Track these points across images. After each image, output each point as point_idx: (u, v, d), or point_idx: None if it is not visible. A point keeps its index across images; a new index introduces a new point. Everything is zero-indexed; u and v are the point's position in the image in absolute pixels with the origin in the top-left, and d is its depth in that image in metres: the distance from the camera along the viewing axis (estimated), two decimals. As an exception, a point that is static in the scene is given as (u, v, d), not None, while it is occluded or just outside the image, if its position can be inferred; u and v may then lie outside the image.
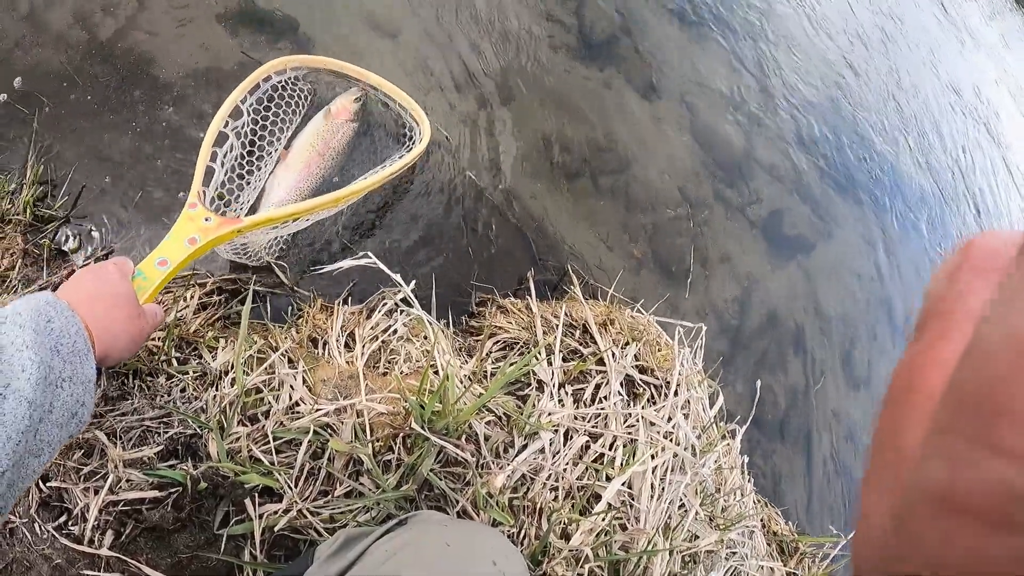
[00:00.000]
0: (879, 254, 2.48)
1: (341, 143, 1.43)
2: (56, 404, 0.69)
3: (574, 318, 1.34)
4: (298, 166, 1.36)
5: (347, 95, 1.48)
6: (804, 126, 2.59)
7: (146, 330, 0.91)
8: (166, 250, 1.03)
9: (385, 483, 0.97)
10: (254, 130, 1.38)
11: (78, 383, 0.73)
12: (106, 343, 0.81)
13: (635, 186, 1.91)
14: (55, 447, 0.71)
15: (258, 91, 1.39)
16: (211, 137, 1.22)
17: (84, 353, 0.75)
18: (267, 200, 1.31)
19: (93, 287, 0.85)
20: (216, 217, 1.08)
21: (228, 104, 1.29)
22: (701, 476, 1.28)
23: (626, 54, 2.22)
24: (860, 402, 2.08)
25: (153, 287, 0.99)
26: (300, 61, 1.46)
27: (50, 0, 1.45)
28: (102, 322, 0.81)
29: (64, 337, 0.73)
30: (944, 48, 4.44)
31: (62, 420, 0.71)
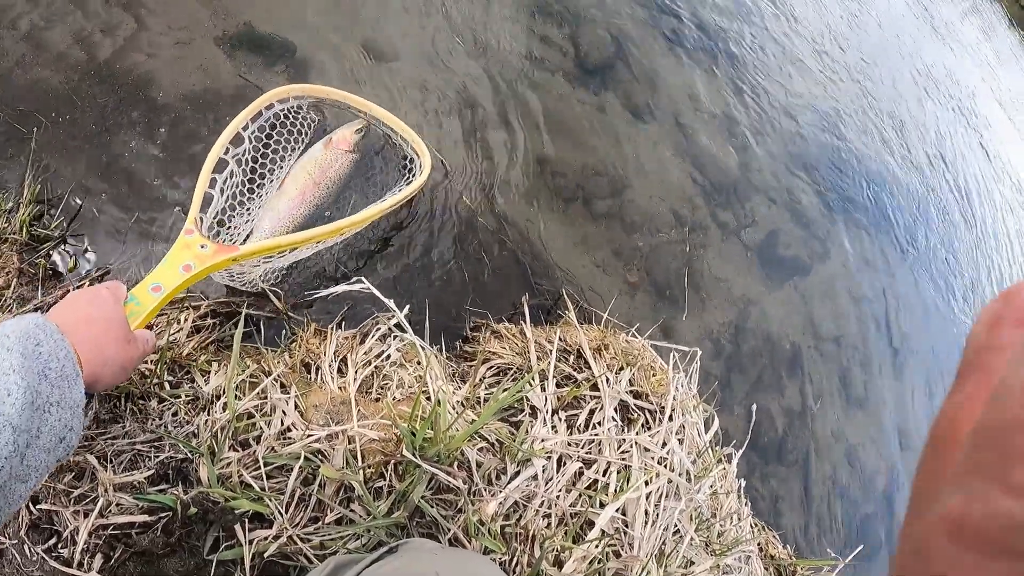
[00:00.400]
0: (875, 274, 2.48)
1: (338, 173, 1.41)
2: (44, 429, 0.68)
3: (568, 343, 1.34)
4: (292, 193, 1.35)
5: (349, 126, 1.47)
6: (798, 147, 2.60)
7: (137, 356, 0.90)
8: (160, 276, 1.02)
9: (376, 510, 0.96)
10: (255, 157, 1.37)
11: (66, 408, 0.72)
12: (96, 368, 0.81)
13: (630, 209, 1.92)
14: (42, 472, 0.70)
15: (260, 119, 1.38)
16: (210, 163, 1.22)
17: (73, 378, 0.74)
18: (259, 225, 1.31)
19: (85, 311, 0.85)
20: (212, 244, 1.08)
21: (229, 131, 1.29)
22: (696, 501, 1.27)
23: (621, 78, 2.24)
24: (858, 423, 2.08)
25: (146, 313, 0.98)
26: (303, 90, 1.45)
27: (50, 19, 1.47)
28: (92, 347, 0.81)
29: (52, 361, 0.72)
30: (942, 65, 4.48)
31: (49, 445, 0.70)
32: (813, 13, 3.53)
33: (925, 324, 2.53)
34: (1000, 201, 3.81)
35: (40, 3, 1.48)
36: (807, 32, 3.33)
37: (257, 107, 1.36)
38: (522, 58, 2.03)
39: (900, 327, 2.41)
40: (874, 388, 2.18)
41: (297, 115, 1.47)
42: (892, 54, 3.99)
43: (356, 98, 1.49)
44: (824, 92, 3.06)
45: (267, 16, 1.66)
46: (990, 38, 6.54)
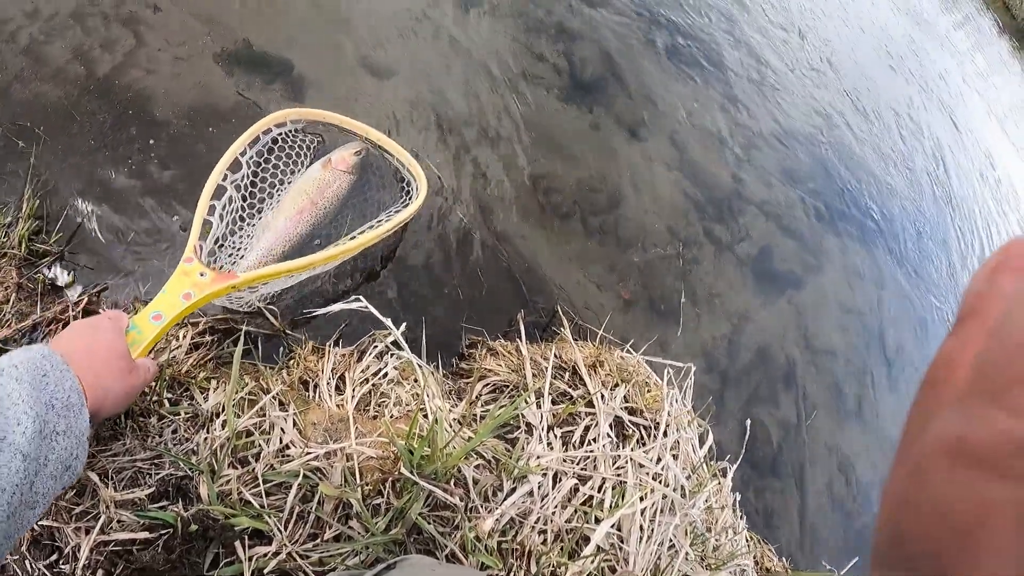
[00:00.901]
0: (869, 287, 2.49)
1: (336, 194, 1.41)
2: (51, 457, 0.70)
3: (564, 360, 1.35)
4: (290, 211, 1.35)
5: (348, 147, 1.48)
6: (791, 162, 2.62)
7: (138, 385, 0.92)
8: (161, 304, 1.04)
9: (374, 527, 0.97)
10: (254, 182, 1.37)
11: (72, 436, 0.74)
12: (98, 398, 0.83)
13: (625, 225, 1.93)
14: (49, 499, 0.72)
15: (258, 144, 1.39)
16: (209, 190, 1.22)
17: (78, 407, 0.76)
18: (256, 243, 1.31)
19: (87, 341, 0.87)
20: (211, 272, 1.10)
21: (227, 157, 1.29)
22: (691, 516, 1.28)
23: (615, 94, 2.26)
24: (853, 435, 2.08)
25: (147, 341, 0.99)
26: (300, 114, 1.45)
27: (50, 34, 1.48)
28: (95, 377, 0.83)
29: (59, 391, 0.74)
30: (936, 77, 4.52)
31: (56, 473, 0.72)
32: (808, 29, 3.57)
33: (919, 336, 2.54)
34: (994, 210, 3.83)
35: (40, 17, 1.49)
36: (800, 48, 3.36)
37: (254, 132, 1.37)
38: (516, 75, 2.05)
39: (894, 339, 2.42)
40: (869, 400, 2.18)
41: (295, 139, 1.47)
42: (886, 68, 4.02)
43: (353, 122, 1.50)
44: (817, 107, 3.08)
45: (265, 34, 1.68)
46: (982, 47, 6.60)
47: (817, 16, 3.81)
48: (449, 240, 1.60)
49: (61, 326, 1.16)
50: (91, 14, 1.54)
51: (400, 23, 1.93)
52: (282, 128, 1.44)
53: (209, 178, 1.24)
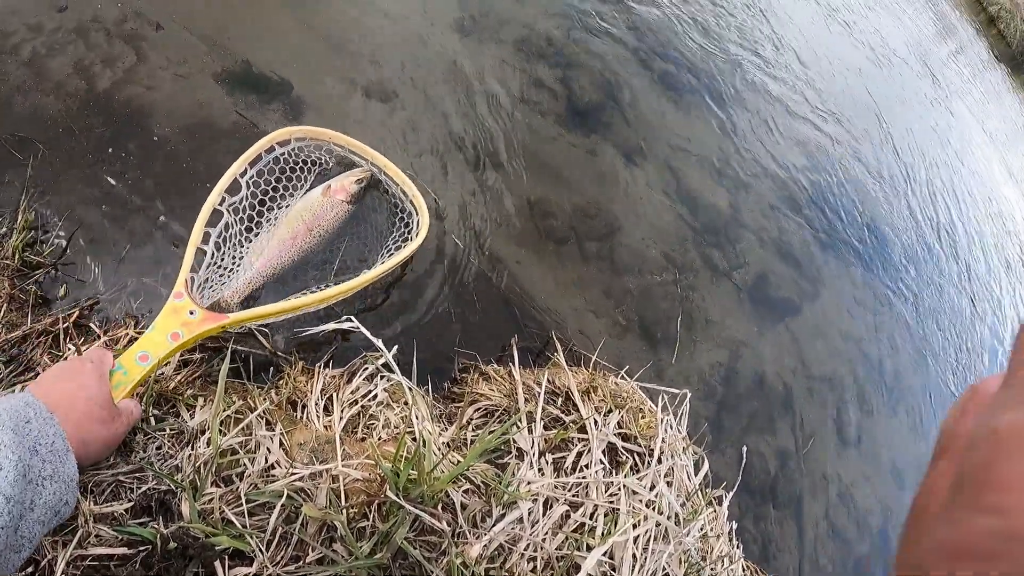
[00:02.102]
0: (866, 314, 2.49)
1: (332, 222, 1.38)
2: (38, 502, 0.71)
3: (557, 385, 1.33)
4: (284, 235, 1.33)
5: (350, 175, 1.44)
6: (789, 189, 2.63)
7: (121, 432, 0.92)
8: (148, 344, 1.02)
9: (358, 550, 0.95)
10: (253, 205, 1.34)
11: (60, 482, 0.75)
12: (79, 449, 0.83)
13: (621, 251, 1.93)
14: (35, 543, 0.72)
15: (259, 163, 1.36)
16: (204, 216, 1.20)
17: (63, 453, 0.77)
18: (245, 265, 1.29)
19: (68, 390, 0.86)
20: (201, 311, 1.08)
21: (226, 178, 1.27)
22: (685, 545, 1.25)
23: (612, 120, 2.27)
24: (851, 463, 2.06)
25: (132, 383, 0.98)
26: (305, 132, 1.43)
27: (52, 48, 1.49)
28: (75, 428, 0.83)
29: (43, 437, 0.75)
30: (933, 103, 4.55)
31: (44, 518, 0.72)
32: (805, 56, 3.60)
33: (917, 363, 2.53)
34: (989, 238, 3.84)
35: (43, 31, 1.50)
36: (798, 76, 3.39)
37: (256, 151, 1.34)
38: (515, 100, 2.07)
39: (892, 366, 2.41)
40: (867, 427, 2.17)
41: (298, 159, 1.44)
42: (883, 95, 4.05)
43: (359, 144, 1.47)
44: (814, 134, 3.10)
45: (265, 55, 1.69)
46: (978, 75, 6.67)
47: (814, 46, 3.84)
48: (444, 263, 1.59)
49: (51, 339, 1.15)
50: (94, 30, 1.55)
51: (400, 47, 1.95)
52: (285, 147, 1.41)
53: (205, 203, 1.22)
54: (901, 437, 2.26)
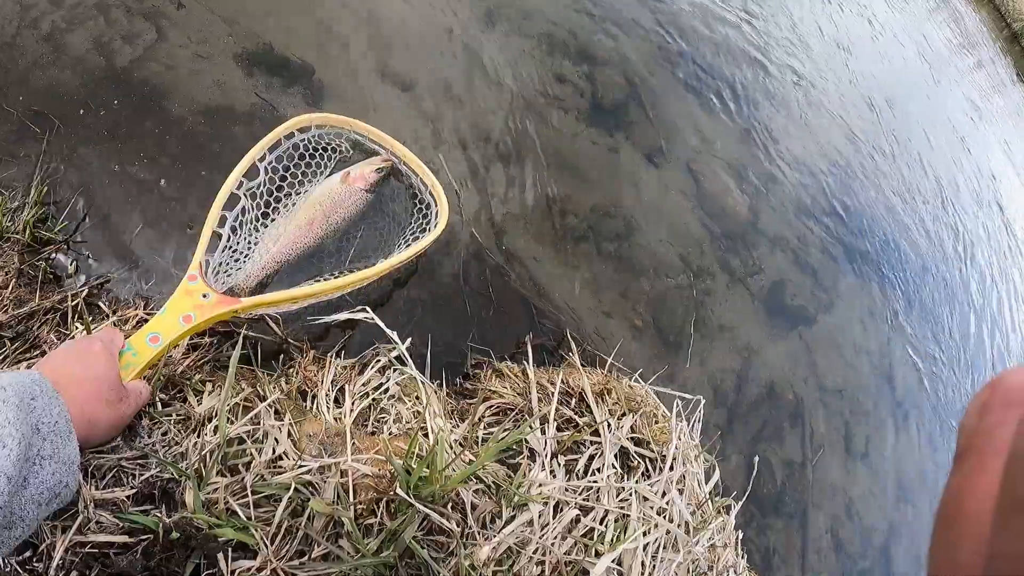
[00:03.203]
0: (880, 327, 2.46)
1: (350, 210, 1.37)
2: (32, 480, 0.70)
3: (571, 386, 1.31)
4: (301, 221, 1.31)
5: (370, 163, 1.43)
6: (809, 197, 2.60)
7: (128, 414, 0.91)
8: (159, 325, 1.00)
9: (365, 548, 0.93)
10: (271, 191, 1.33)
11: (60, 463, 0.73)
12: (84, 429, 0.82)
13: (638, 252, 1.91)
14: (30, 524, 0.71)
15: (278, 149, 1.35)
16: (221, 199, 1.19)
17: (66, 434, 0.76)
18: (260, 249, 1.28)
19: (74, 370, 0.85)
20: (215, 294, 1.06)
21: (245, 162, 1.26)
22: (694, 554, 1.23)
23: (635, 120, 2.24)
24: (858, 477, 2.04)
25: (142, 364, 0.97)
26: (325, 119, 1.42)
27: (72, 22, 1.47)
28: (82, 408, 0.82)
29: (46, 416, 0.74)
30: (955, 120, 4.51)
31: (42, 499, 0.71)
32: (827, 64, 3.57)
33: (927, 380, 2.50)
34: (1006, 252, 3.80)
35: (63, 5, 1.49)
36: (821, 83, 3.36)
37: (276, 136, 1.33)
38: (537, 94, 2.04)
39: (903, 380, 2.38)
40: (876, 441, 2.15)
41: (318, 146, 1.43)
42: (906, 108, 4.01)
43: (379, 132, 1.46)
44: (838, 143, 3.07)
45: (288, 38, 1.67)
46: (999, 91, 6.61)
47: (840, 53, 3.81)
48: (461, 257, 1.57)
49: (59, 317, 1.14)
50: (115, 5, 1.54)
51: (424, 36, 1.93)
52: (305, 134, 1.40)
53: (223, 186, 1.20)
54: (909, 453, 2.23)
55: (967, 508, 0.27)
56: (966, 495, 0.27)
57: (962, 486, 0.28)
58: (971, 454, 0.28)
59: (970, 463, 0.28)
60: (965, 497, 0.27)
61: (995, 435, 0.28)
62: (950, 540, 0.27)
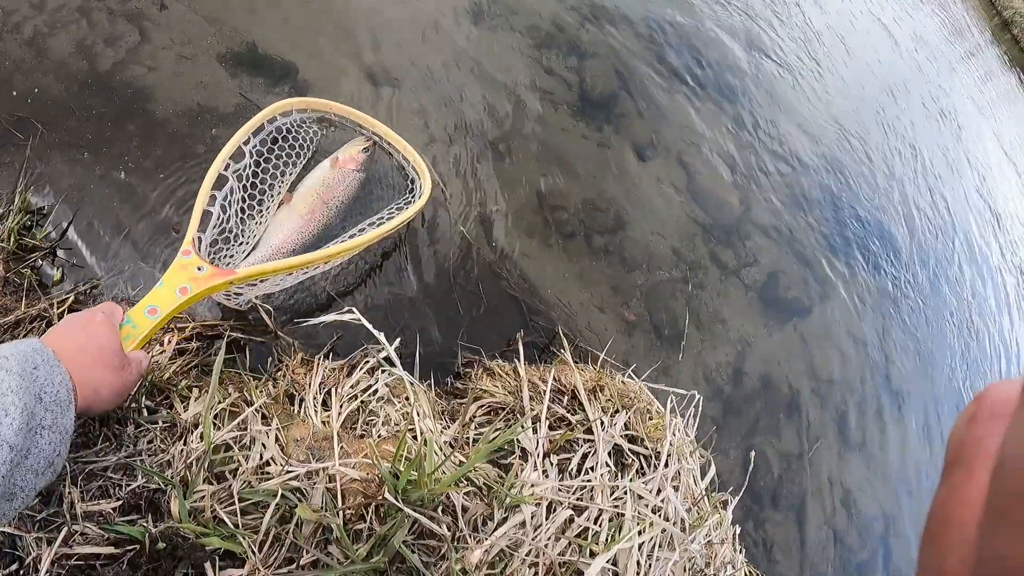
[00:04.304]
0: (875, 318, 2.46)
1: (347, 192, 1.41)
2: (33, 450, 0.69)
3: (563, 383, 1.30)
4: (303, 211, 1.34)
5: (355, 144, 1.46)
6: (801, 188, 2.60)
7: (132, 381, 0.91)
8: (157, 298, 1.02)
9: (354, 554, 0.91)
10: (255, 172, 1.36)
11: (56, 432, 0.73)
12: (88, 396, 0.82)
13: (629, 246, 1.90)
14: (29, 494, 0.71)
15: (262, 132, 1.38)
16: (210, 180, 1.21)
17: (66, 404, 0.76)
18: (267, 242, 1.30)
19: (79, 339, 0.85)
20: (209, 267, 1.08)
21: (231, 145, 1.28)
22: (691, 552, 1.22)
23: (624, 113, 2.23)
24: (856, 468, 2.04)
25: (142, 335, 0.98)
26: (306, 103, 1.45)
27: (54, 27, 1.46)
28: (86, 375, 0.82)
29: (48, 386, 0.74)
30: (945, 108, 4.50)
31: (39, 467, 0.71)
32: (822, 57, 3.56)
33: (924, 368, 2.50)
34: (1000, 243, 3.81)
35: (45, 9, 1.47)
36: (811, 74, 3.35)
37: (260, 120, 1.36)
38: (526, 89, 2.03)
39: (899, 371, 2.38)
40: (872, 432, 2.14)
41: (299, 130, 1.46)
42: (897, 98, 4.01)
43: (359, 113, 1.49)
44: (828, 133, 3.06)
45: (272, 37, 1.66)
46: (990, 79, 6.61)
47: (829, 45, 3.80)
48: (449, 255, 1.56)
49: (45, 324, 1.12)
50: (97, 8, 1.52)
51: (409, 31, 1.92)
52: (287, 117, 1.43)
53: (211, 167, 1.22)
54: (906, 444, 2.23)
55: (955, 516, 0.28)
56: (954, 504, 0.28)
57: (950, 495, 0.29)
58: (958, 465, 0.29)
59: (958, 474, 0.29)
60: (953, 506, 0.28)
61: (982, 446, 0.28)
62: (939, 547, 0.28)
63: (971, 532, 0.26)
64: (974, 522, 0.26)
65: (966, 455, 0.29)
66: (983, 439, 0.29)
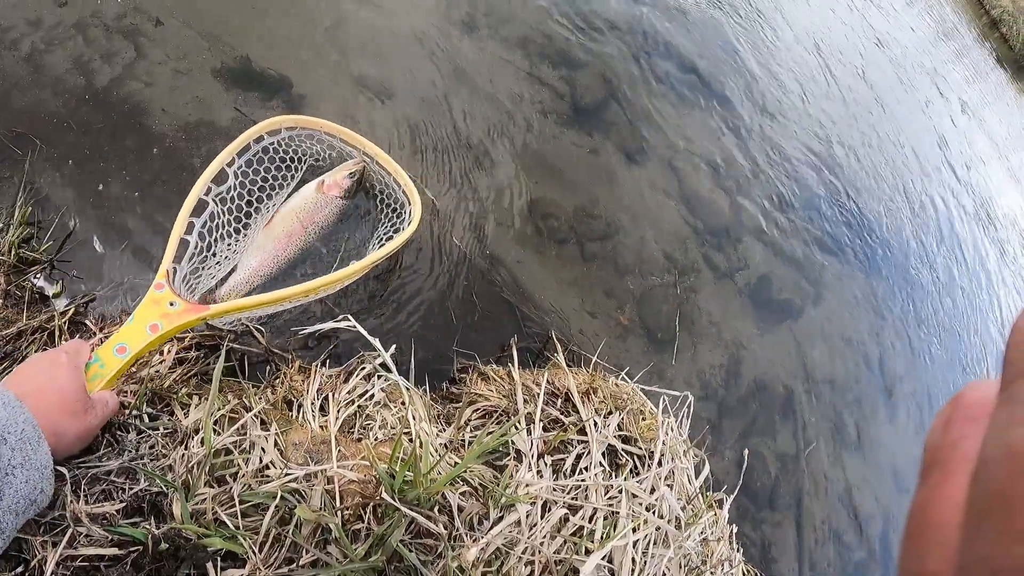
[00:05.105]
0: (868, 316, 2.48)
1: (327, 219, 1.37)
2: (7, 491, 0.69)
3: (556, 386, 1.32)
4: (279, 234, 1.31)
5: (343, 169, 1.42)
6: (791, 190, 2.62)
7: (95, 424, 0.91)
8: (126, 336, 0.99)
9: (353, 553, 0.93)
10: (241, 195, 1.30)
11: (32, 469, 0.73)
12: (51, 440, 0.81)
13: (622, 252, 1.92)
14: (9, 533, 0.71)
15: (247, 152, 1.33)
16: (188, 206, 1.16)
17: (35, 440, 0.76)
18: (244, 262, 1.27)
19: (40, 381, 0.85)
20: (182, 302, 1.05)
21: (213, 167, 1.23)
22: (686, 549, 1.24)
23: (614, 120, 2.26)
24: (852, 466, 2.05)
25: (110, 375, 0.96)
26: (295, 121, 1.40)
27: (51, 43, 1.48)
28: (48, 418, 0.82)
29: (12, 426, 0.73)
30: (933, 106, 4.53)
31: (18, 508, 0.71)
32: (809, 56, 3.59)
33: (918, 365, 2.52)
34: (990, 239, 3.82)
35: (42, 26, 1.49)
36: (800, 79, 3.38)
37: (245, 140, 1.31)
38: (517, 98, 2.06)
39: (893, 368, 2.40)
40: (868, 430, 2.16)
41: (288, 150, 1.41)
42: (885, 100, 4.04)
43: (350, 133, 1.44)
44: (817, 137, 3.08)
45: (266, 52, 1.68)
46: (980, 76, 6.65)
47: (816, 47, 3.83)
48: (443, 263, 1.58)
49: (47, 336, 1.14)
50: (93, 25, 1.54)
51: (401, 44, 1.94)
52: (275, 136, 1.37)
53: (190, 193, 1.18)
54: (901, 440, 2.25)
55: (934, 518, 0.27)
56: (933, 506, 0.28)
57: (929, 498, 0.28)
58: (936, 468, 0.29)
59: (936, 476, 0.29)
60: (932, 508, 0.28)
61: (959, 448, 0.28)
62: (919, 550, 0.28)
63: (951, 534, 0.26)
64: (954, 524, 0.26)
65: (943, 457, 0.29)
66: (960, 442, 0.29)
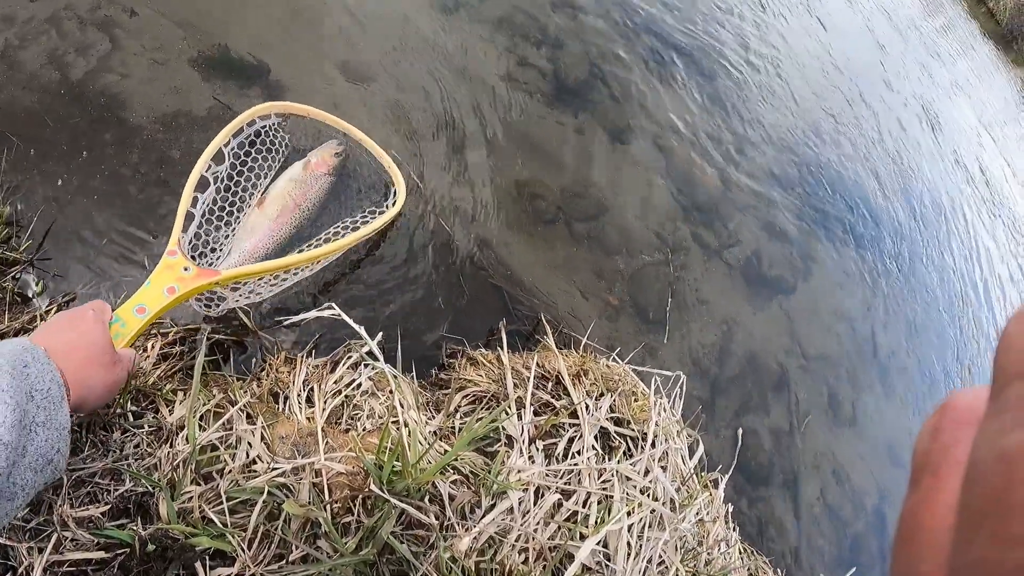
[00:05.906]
0: (859, 291, 2.47)
1: (317, 195, 1.41)
2: (30, 448, 0.70)
3: (547, 369, 1.30)
4: (273, 214, 1.34)
5: (328, 147, 1.47)
6: (780, 166, 2.61)
7: (121, 377, 0.92)
8: (145, 297, 1.04)
9: (343, 547, 0.92)
10: (231, 175, 1.37)
11: (52, 429, 0.74)
12: (81, 392, 0.83)
13: (611, 232, 1.90)
14: (29, 492, 0.71)
15: (240, 135, 1.40)
16: (193, 181, 1.22)
17: (59, 400, 0.76)
18: (238, 245, 1.29)
19: (70, 336, 0.87)
20: (195, 267, 1.10)
21: (212, 147, 1.30)
22: (681, 531, 1.23)
23: (600, 99, 2.24)
24: (846, 442, 2.06)
25: (131, 334, 1.00)
26: (284, 107, 1.46)
27: (24, 39, 1.45)
28: (78, 372, 0.83)
29: (39, 383, 0.74)
30: (923, 83, 4.51)
31: (37, 465, 0.71)
32: (795, 30, 3.56)
33: (911, 339, 2.52)
34: (980, 213, 3.83)
35: (15, 22, 1.46)
36: (786, 54, 3.36)
37: (239, 123, 1.37)
38: (500, 79, 2.03)
39: (886, 343, 2.40)
40: (862, 405, 2.16)
41: (276, 133, 1.47)
42: (872, 74, 4.02)
43: (336, 119, 1.49)
44: (805, 111, 3.07)
45: (243, 38, 1.65)
46: (966, 52, 6.64)
47: (804, 20, 3.80)
48: (430, 247, 1.56)
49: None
50: (67, 18, 1.51)
51: (380, 27, 1.91)
52: (266, 120, 1.44)
53: (194, 168, 1.24)
54: (895, 414, 2.25)
55: (926, 523, 0.28)
56: (924, 511, 0.28)
57: (919, 503, 0.28)
58: (926, 474, 0.29)
59: (927, 480, 0.29)
60: (923, 513, 0.28)
61: (950, 453, 0.28)
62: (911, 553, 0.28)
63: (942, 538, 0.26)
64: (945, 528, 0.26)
65: (934, 462, 0.29)
66: (950, 447, 0.29)
